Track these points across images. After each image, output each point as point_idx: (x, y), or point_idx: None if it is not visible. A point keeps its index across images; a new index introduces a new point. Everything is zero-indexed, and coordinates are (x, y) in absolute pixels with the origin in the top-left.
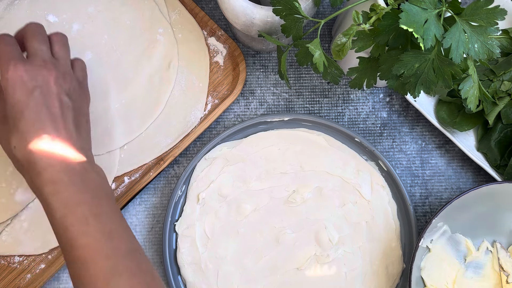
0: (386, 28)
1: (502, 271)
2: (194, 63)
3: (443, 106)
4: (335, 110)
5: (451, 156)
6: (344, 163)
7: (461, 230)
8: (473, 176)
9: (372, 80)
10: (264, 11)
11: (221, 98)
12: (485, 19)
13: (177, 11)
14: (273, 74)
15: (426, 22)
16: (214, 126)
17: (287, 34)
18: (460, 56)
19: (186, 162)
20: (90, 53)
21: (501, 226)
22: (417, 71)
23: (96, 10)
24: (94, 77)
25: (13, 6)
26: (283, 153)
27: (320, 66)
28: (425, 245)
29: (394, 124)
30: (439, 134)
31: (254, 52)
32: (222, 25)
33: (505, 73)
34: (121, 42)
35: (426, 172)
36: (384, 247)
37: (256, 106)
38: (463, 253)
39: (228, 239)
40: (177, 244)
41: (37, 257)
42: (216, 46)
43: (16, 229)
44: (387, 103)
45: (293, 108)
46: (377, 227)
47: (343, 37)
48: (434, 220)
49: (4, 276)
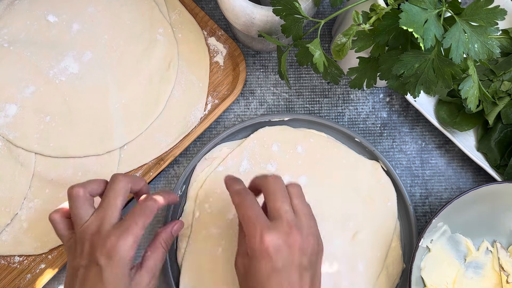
0: (386, 28)
1: (502, 271)
2: (194, 63)
3: (443, 106)
4: (335, 110)
5: (451, 156)
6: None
7: (461, 230)
8: (473, 176)
9: (372, 80)
10: (264, 11)
11: (221, 98)
12: (485, 19)
13: (177, 11)
14: (273, 74)
15: (426, 22)
16: (214, 126)
17: (287, 34)
18: (460, 56)
19: (186, 162)
20: (90, 53)
21: (501, 226)
22: (417, 71)
23: (96, 10)
24: (94, 77)
25: (13, 6)
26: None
27: (320, 66)
28: (425, 245)
29: (394, 124)
30: (439, 134)
31: (254, 52)
32: (222, 25)
33: (505, 73)
34: (121, 42)
35: (426, 172)
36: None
37: (256, 106)
38: (463, 253)
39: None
40: (177, 244)
41: (37, 257)
42: (216, 46)
43: (16, 229)
44: (387, 103)
45: (293, 108)
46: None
47: (343, 37)
48: (434, 220)
49: (4, 276)
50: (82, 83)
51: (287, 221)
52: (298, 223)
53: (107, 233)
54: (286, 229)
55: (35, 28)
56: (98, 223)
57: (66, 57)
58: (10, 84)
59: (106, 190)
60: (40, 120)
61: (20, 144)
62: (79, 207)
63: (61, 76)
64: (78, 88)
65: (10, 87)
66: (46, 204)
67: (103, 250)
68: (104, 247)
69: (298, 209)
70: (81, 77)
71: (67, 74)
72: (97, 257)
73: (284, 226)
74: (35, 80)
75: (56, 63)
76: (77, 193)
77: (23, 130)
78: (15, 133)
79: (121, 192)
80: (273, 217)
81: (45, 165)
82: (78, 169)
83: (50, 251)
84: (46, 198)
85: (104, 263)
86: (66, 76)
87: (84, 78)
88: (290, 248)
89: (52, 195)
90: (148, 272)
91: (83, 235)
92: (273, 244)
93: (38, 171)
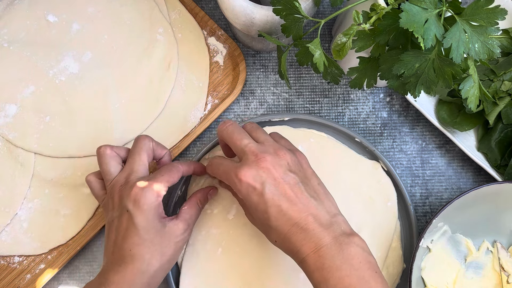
0: (386, 28)
1: (502, 271)
2: (194, 63)
3: (444, 106)
4: (335, 110)
5: (451, 156)
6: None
7: (462, 230)
8: (473, 176)
9: (372, 80)
10: (264, 11)
11: (221, 98)
12: (485, 19)
13: (177, 11)
14: (273, 74)
15: (426, 22)
16: (214, 126)
17: (287, 34)
18: (460, 56)
19: None
20: (90, 53)
21: (502, 226)
22: (417, 71)
23: (96, 10)
24: (94, 77)
25: (13, 6)
26: None
27: (320, 66)
28: (426, 245)
29: (394, 124)
30: (440, 134)
31: (254, 52)
32: (222, 25)
33: (505, 73)
34: (121, 42)
35: (426, 172)
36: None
37: (256, 106)
38: (463, 253)
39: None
40: None
41: (37, 257)
42: (216, 46)
43: (16, 229)
44: (387, 103)
45: (293, 108)
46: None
47: (343, 37)
48: (435, 220)
49: (4, 276)
50: (82, 83)
51: (251, 151)
52: (263, 148)
53: (133, 184)
54: (253, 158)
55: (35, 28)
56: (125, 176)
57: (66, 57)
58: (10, 84)
59: (131, 149)
60: (40, 120)
61: (19, 144)
62: (107, 163)
63: (61, 76)
64: (78, 88)
65: (10, 87)
66: (46, 204)
67: (130, 197)
68: (131, 194)
69: (260, 139)
70: (81, 77)
71: (67, 74)
72: (126, 204)
73: (250, 156)
74: (35, 80)
75: (56, 63)
76: (104, 151)
77: (23, 130)
78: (15, 133)
79: (144, 148)
80: (240, 157)
81: (45, 165)
82: (78, 169)
83: (50, 251)
84: (46, 198)
85: (132, 209)
86: (66, 76)
87: (84, 78)
88: (266, 170)
89: (52, 195)
90: (183, 222)
91: (113, 189)
92: (249, 176)
93: (37, 171)
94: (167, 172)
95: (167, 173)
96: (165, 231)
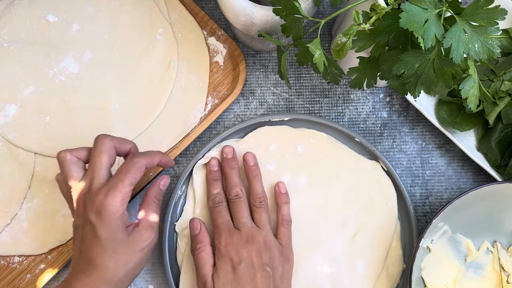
0: (386, 28)
1: (502, 271)
2: (194, 63)
3: (444, 106)
4: (335, 110)
5: (451, 156)
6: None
7: (462, 230)
8: (473, 176)
9: (372, 80)
10: (264, 11)
11: (221, 98)
12: (485, 19)
13: (177, 11)
14: (273, 74)
15: (426, 22)
16: (214, 126)
17: (287, 34)
18: (460, 56)
19: (186, 162)
20: (90, 53)
21: (502, 226)
22: (417, 71)
23: (96, 10)
24: (94, 77)
25: (13, 6)
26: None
27: (320, 66)
28: (426, 245)
29: (394, 124)
30: (440, 134)
31: (254, 52)
32: (222, 25)
33: (505, 73)
34: (121, 42)
35: (426, 172)
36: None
37: (256, 106)
38: (463, 253)
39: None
40: (177, 244)
41: (36, 257)
42: (216, 46)
43: (16, 229)
44: (387, 103)
45: (293, 108)
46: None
47: (343, 37)
48: (435, 220)
49: (4, 276)
50: (82, 83)
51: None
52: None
53: (96, 192)
54: (245, 237)
55: (35, 28)
56: (88, 183)
57: (66, 57)
58: (10, 84)
59: (92, 151)
60: (40, 120)
61: (20, 144)
62: (69, 169)
63: (61, 76)
64: (78, 88)
65: (10, 87)
66: (46, 204)
67: (93, 208)
68: (94, 204)
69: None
70: (81, 77)
71: (67, 74)
72: (88, 215)
73: (244, 233)
74: (35, 80)
75: (56, 63)
76: (64, 157)
77: (23, 130)
78: (15, 133)
79: (104, 149)
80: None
81: (45, 165)
82: None
83: (49, 251)
84: (46, 198)
85: (95, 221)
86: (66, 76)
87: (84, 78)
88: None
89: (52, 195)
90: (145, 227)
91: (78, 196)
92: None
93: (37, 171)
94: (127, 174)
95: (127, 176)
96: (130, 239)
